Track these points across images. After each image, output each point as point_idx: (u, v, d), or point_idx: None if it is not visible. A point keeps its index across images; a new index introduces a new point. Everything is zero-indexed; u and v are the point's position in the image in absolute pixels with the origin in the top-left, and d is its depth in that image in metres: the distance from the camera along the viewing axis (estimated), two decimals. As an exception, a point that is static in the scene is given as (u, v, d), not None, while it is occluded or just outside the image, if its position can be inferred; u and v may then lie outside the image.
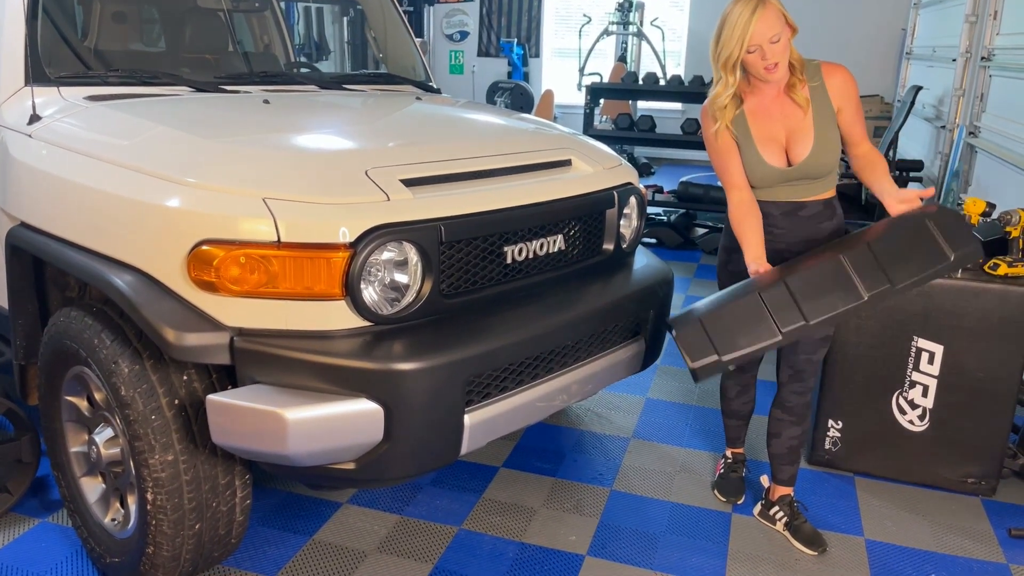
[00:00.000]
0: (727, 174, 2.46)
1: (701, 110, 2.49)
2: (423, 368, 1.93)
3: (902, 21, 8.99)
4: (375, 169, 2.10)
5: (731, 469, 2.93)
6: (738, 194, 2.45)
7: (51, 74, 2.55)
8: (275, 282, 1.91)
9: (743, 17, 2.21)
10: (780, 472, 2.70)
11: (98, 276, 2.02)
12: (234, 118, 2.52)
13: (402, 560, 2.48)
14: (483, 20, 11.30)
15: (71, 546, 2.49)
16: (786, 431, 2.64)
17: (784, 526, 2.68)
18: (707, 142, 2.50)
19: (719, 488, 2.90)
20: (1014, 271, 2.77)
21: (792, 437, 2.63)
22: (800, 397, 2.59)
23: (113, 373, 2.01)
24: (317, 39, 5.63)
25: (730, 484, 2.89)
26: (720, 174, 2.49)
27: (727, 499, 2.86)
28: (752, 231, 2.40)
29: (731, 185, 2.46)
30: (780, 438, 2.65)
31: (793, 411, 2.61)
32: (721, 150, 2.45)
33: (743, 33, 2.22)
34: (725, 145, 2.44)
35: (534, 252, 2.33)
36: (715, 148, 2.47)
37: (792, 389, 2.59)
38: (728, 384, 2.84)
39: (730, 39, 2.24)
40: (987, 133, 5.33)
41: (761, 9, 2.20)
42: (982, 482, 2.90)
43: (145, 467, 2.00)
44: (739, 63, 2.29)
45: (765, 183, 2.43)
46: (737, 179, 2.44)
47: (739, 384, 2.82)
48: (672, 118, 9.29)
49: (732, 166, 2.44)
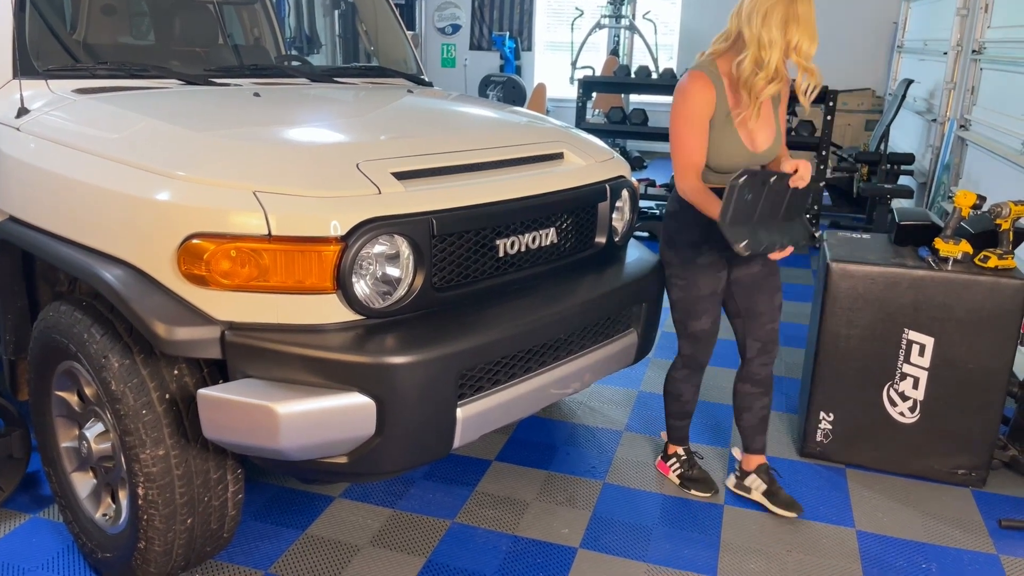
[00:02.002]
0: (695, 151, 2.40)
1: (688, 75, 2.42)
2: (415, 362, 1.93)
3: (893, 14, 9.01)
4: (366, 162, 2.09)
5: (690, 464, 2.92)
6: (697, 172, 2.43)
7: (39, 67, 2.52)
8: (266, 276, 1.90)
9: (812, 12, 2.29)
10: (754, 443, 2.81)
11: (87, 270, 2.01)
12: (224, 111, 2.50)
13: (395, 554, 2.48)
14: (475, 13, 11.27)
15: (63, 541, 2.48)
16: (757, 403, 2.75)
17: (762, 494, 2.77)
18: (687, 108, 2.40)
19: (695, 487, 2.88)
20: (1004, 263, 2.79)
21: (763, 407, 2.76)
22: (766, 368, 2.72)
23: (103, 368, 2.00)
24: (308, 32, 5.60)
25: (701, 479, 2.89)
26: (689, 147, 2.41)
27: (709, 492, 2.85)
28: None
29: (696, 164, 2.42)
30: (752, 411, 2.76)
31: (762, 383, 2.73)
32: (698, 123, 2.40)
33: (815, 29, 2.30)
34: (703, 120, 2.40)
35: (526, 245, 2.33)
36: (694, 116, 2.40)
37: (761, 361, 2.71)
38: (684, 387, 2.83)
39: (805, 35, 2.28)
40: (978, 126, 5.35)
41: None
42: (972, 473, 2.92)
43: (136, 462, 1.99)
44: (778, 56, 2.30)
45: (731, 165, 2.43)
46: (701, 157, 2.43)
47: (695, 385, 2.84)
48: (665, 111, 9.29)
49: (701, 142, 2.41)
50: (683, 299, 2.65)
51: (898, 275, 2.83)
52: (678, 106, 2.42)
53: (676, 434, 2.94)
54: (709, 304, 2.63)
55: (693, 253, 2.58)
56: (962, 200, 2.87)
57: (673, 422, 2.92)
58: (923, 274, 2.81)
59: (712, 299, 2.63)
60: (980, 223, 2.93)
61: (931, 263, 2.85)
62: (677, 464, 2.94)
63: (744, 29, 2.33)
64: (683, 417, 2.90)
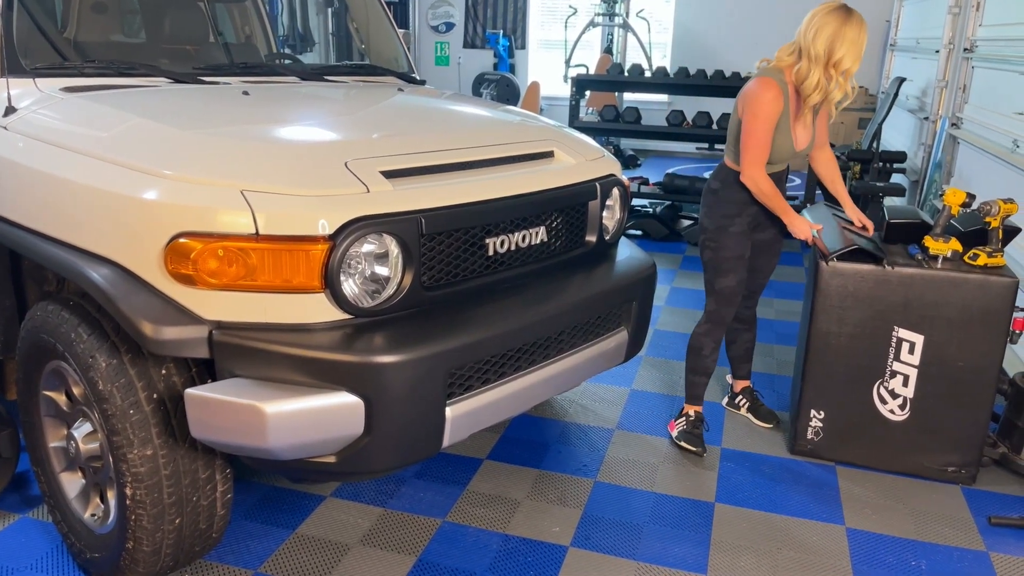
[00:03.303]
0: (765, 148, 2.79)
1: (764, 82, 2.76)
2: (404, 361, 1.92)
3: (887, 12, 9.02)
4: (355, 161, 2.08)
5: (695, 425, 3.16)
6: (763, 164, 2.82)
7: (27, 65, 2.51)
8: (254, 275, 1.90)
9: (862, 38, 2.69)
10: (740, 369, 3.43)
11: (74, 270, 2.00)
12: (212, 109, 2.49)
13: (386, 553, 2.48)
14: (469, 11, 11.26)
15: (52, 541, 2.47)
16: (741, 337, 3.35)
17: (747, 410, 3.41)
18: (763, 110, 2.76)
19: (688, 440, 3.12)
20: (993, 261, 2.79)
21: (747, 341, 3.36)
22: (750, 310, 3.30)
23: (91, 368, 2.00)
24: (301, 30, 5.59)
25: (697, 438, 3.13)
26: (763, 144, 2.78)
27: (696, 448, 3.09)
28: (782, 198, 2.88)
29: (764, 157, 2.81)
30: (738, 343, 3.37)
31: (746, 320, 3.31)
32: (772, 123, 2.78)
33: (855, 51, 2.68)
34: (775, 121, 2.78)
35: (516, 244, 2.33)
36: (770, 117, 2.77)
37: (746, 305, 3.26)
38: (705, 340, 3.09)
39: (849, 55, 2.67)
40: (969, 124, 5.36)
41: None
42: (962, 470, 2.93)
43: (124, 462, 1.99)
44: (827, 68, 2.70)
45: (782, 158, 2.90)
46: (767, 153, 2.81)
47: (715, 341, 3.10)
48: (658, 110, 9.30)
49: (770, 140, 2.80)
50: (713, 259, 2.99)
51: (888, 273, 2.83)
52: (756, 108, 2.78)
53: (692, 391, 3.19)
54: (735, 264, 2.97)
55: (727, 222, 2.94)
56: (952, 198, 2.88)
57: (691, 377, 3.16)
58: (913, 272, 2.81)
59: (738, 262, 2.97)
60: (970, 221, 2.93)
61: (921, 261, 2.86)
62: (684, 422, 3.17)
63: (800, 40, 2.75)
64: (700, 373, 3.14)
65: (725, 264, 2.96)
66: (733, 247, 2.94)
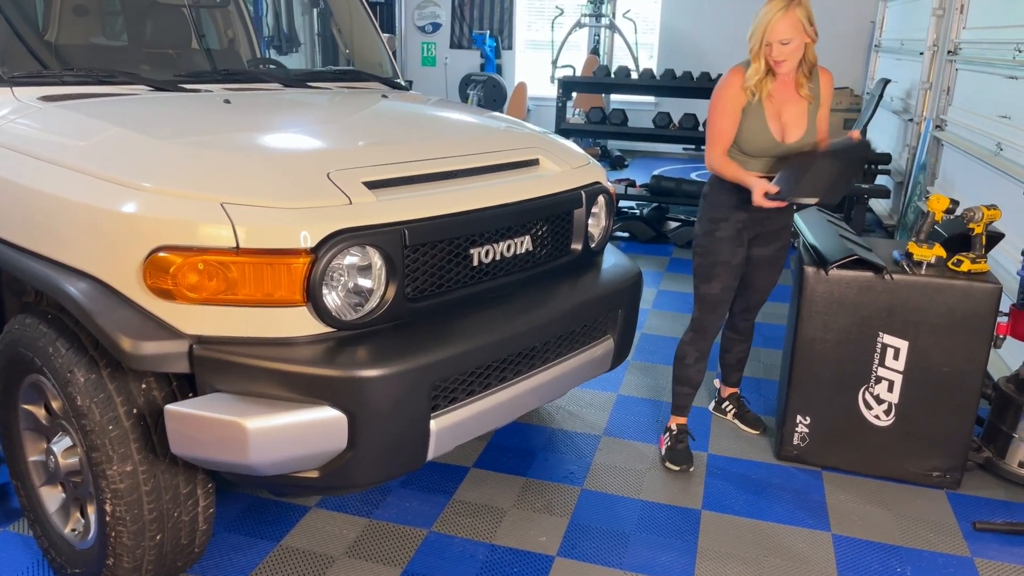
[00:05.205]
0: (723, 132, 2.77)
1: (730, 70, 2.75)
2: (387, 375, 1.91)
3: (871, 14, 9.06)
4: (337, 171, 2.06)
5: (678, 440, 3.10)
6: (723, 149, 2.79)
7: (4, 74, 2.47)
8: (234, 289, 1.87)
9: (767, 16, 2.62)
10: (731, 377, 3.42)
11: (51, 284, 1.97)
12: (192, 119, 2.46)
13: (371, 564, 2.46)
14: (455, 12, 11.22)
15: (32, 556, 2.44)
16: (736, 347, 3.32)
17: (734, 416, 3.42)
18: (720, 95, 2.75)
19: (672, 459, 3.06)
20: (977, 267, 2.80)
21: (741, 351, 3.34)
22: (748, 323, 3.25)
23: (69, 382, 1.97)
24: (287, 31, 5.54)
25: (681, 454, 3.07)
26: (717, 128, 2.77)
27: (680, 467, 3.03)
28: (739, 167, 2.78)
29: (722, 142, 2.78)
30: (732, 352, 3.34)
31: (743, 332, 3.28)
32: (728, 109, 2.74)
33: (763, 30, 2.63)
34: (734, 106, 2.74)
35: (501, 254, 2.31)
36: (725, 103, 2.73)
37: (744, 317, 3.23)
38: (688, 349, 3.04)
39: (755, 32, 2.66)
40: (953, 127, 5.39)
41: (782, 13, 2.59)
42: (947, 475, 2.94)
43: (103, 478, 1.96)
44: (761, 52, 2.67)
45: (759, 151, 2.78)
46: (728, 138, 2.78)
47: (698, 351, 3.03)
48: (645, 111, 9.31)
49: (729, 125, 2.76)
50: (700, 264, 2.95)
51: (873, 279, 2.84)
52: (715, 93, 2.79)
53: (676, 401, 3.14)
54: (722, 271, 2.91)
55: (713, 227, 2.90)
56: (935, 204, 2.88)
57: (675, 387, 3.12)
58: (897, 278, 2.82)
59: (725, 268, 2.91)
60: (953, 227, 2.94)
61: (905, 267, 2.86)
62: (668, 439, 3.12)
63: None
64: (684, 383, 3.09)
65: (711, 270, 2.91)
66: (719, 252, 2.89)
